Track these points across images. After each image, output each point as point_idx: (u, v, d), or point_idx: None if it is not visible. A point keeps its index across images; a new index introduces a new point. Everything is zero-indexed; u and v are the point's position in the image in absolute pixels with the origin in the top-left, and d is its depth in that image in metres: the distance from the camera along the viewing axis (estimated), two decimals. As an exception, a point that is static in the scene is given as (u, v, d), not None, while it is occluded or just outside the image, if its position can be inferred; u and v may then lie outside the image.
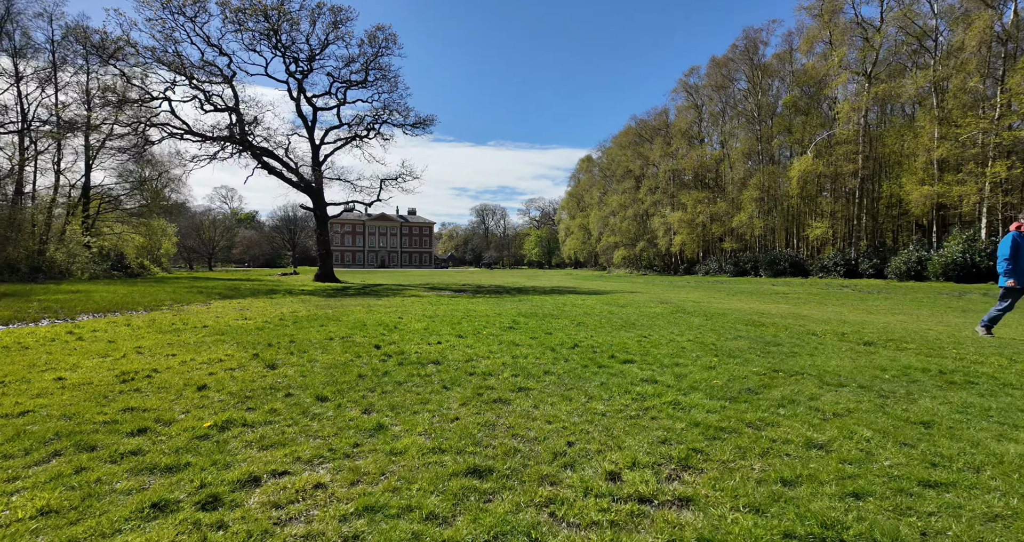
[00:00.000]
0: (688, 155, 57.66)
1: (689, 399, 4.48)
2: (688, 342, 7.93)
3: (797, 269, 46.37)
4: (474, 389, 4.87)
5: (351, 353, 6.79)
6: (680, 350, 7.16)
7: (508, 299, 18.58)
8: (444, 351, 7.06)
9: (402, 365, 6.04)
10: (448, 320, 11.05)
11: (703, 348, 7.32)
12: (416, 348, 7.29)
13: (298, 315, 12.11)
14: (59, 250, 31.26)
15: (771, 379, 5.29)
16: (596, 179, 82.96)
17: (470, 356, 6.66)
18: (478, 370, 5.76)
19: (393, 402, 4.41)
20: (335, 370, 5.66)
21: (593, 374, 5.58)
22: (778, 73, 53.40)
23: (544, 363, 6.23)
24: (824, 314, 13.21)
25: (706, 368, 5.85)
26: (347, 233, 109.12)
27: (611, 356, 6.65)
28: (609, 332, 9.21)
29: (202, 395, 4.51)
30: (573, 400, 4.53)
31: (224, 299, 17.84)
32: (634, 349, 7.25)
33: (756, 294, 23.27)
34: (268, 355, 6.55)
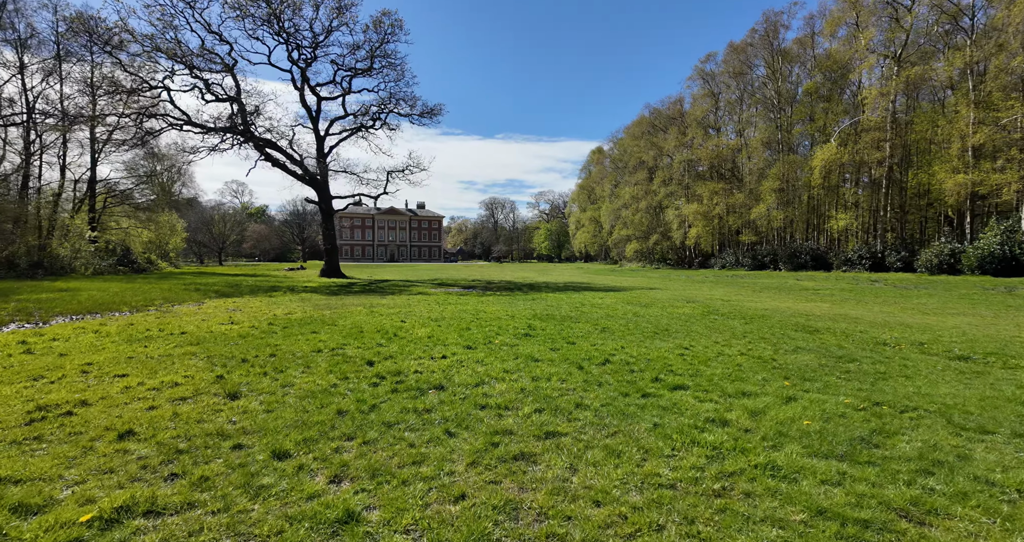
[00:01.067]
0: (704, 145, 55.75)
1: (787, 458, 3.22)
2: (741, 356, 6.65)
3: (819, 262, 44.57)
4: (487, 436, 3.65)
5: (338, 373, 5.61)
6: (736, 368, 5.88)
7: (520, 297, 17.36)
8: (450, 369, 5.85)
9: (396, 392, 4.84)
10: (456, 325, 9.85)
11: (763, 365, 6.04)
12: (416, 364, 6.10)
13: (292, 318, 10.99)
14: (61, 245, 30.56)
15: (880, 419, 4.01)
16: (607, 171, 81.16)
17: (481, 377, 5.44)
18: (491, 401, 4.54)
19: (375, 462, 3.20)
20: (311, 402, 4.48)
21: (639, 408, 4.33)
22: (799, 59, 51.15)
23: (573, 388, 5.00)
24: (874, 315, 11.81)
25: (783, 399, 4.58)
26: (356, 227, 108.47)
27: (655, 378, 5.40)
28: (641, 341, 7.94)
29: (119, 448, 3.34)
30: (623, 456, 3.29)
31: (220, 297, 16.83)
32: (679, 367, 5.99)
33: (784, 290, 21.79)
34: (236, 377, 5.39)
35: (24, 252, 26.75)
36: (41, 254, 28.28)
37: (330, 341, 7.77)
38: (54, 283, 20.31)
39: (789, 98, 50.67)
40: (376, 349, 7.12)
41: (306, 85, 31.55)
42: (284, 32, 29.48)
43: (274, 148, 30.33)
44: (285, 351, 6.96)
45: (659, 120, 64.98)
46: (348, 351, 6.99)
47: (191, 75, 27.19)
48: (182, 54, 26.22)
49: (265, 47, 37.22)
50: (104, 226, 42.10)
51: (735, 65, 53.79)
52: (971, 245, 32.93)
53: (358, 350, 7.06)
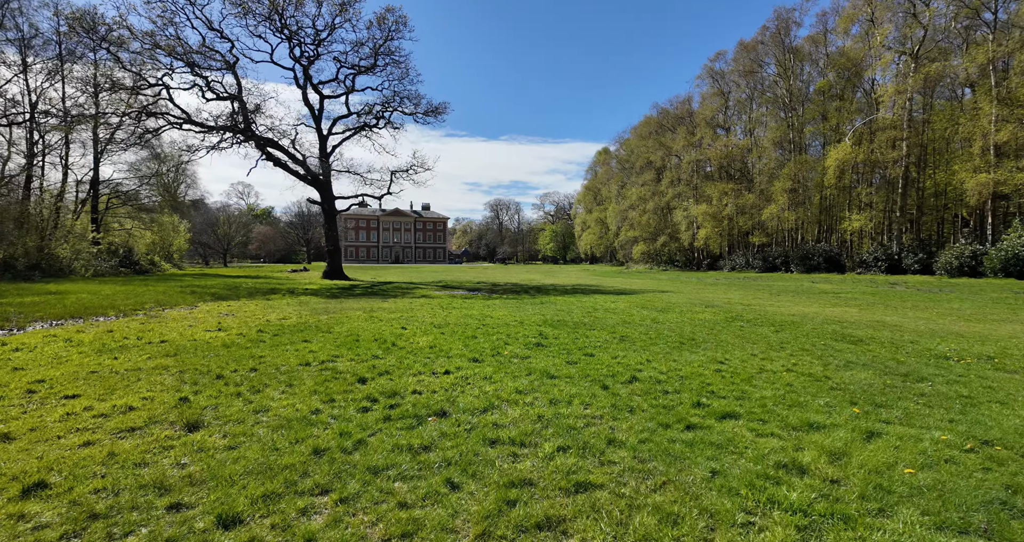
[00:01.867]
0: (714, 145, 54.72)
1: (907, 531, 2.38)
2: (788, 373, 5.79)
3: (832, 264, 43.47)
4: (500, 489, 2.83)
5: (323, 394, 4.81)
6: (788, 389, 5.03)
7: (528, 301, 16.53)
8: (453, 389, 5.05)
9: (389, 421, 4.03)
10: (460, 332, 9.05)
11: (818, 385, 5.19)
12: (415, 382, 5.29)
13: (285, 324, 10.22)
14: (61, 247, 30.04)
15: (1003, 467, 3.15)
16: (614, 172, 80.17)
17: (490, 400, 4.62)
18: (503, 434, 3.72)
19: (353, 536, 2.39)
20: (284, 435, 3.68)
21: (687, 446, 3.50)
22: (811, 57, 50.09)
23: (600, 416, 4.18)
24: (913, 322, 10.89)
25: (862, 434, 3.73)
26: (361, 229, 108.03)
27: (696, 402, 4.55)
28: (667, 353, 7.10)
29: (16, 512, 2.54)
30: (682, 525, 2.46)
31: (216, 300, 16.12)
32: (720, 387, 5.15)
33: (803, 294, 20.84)
34: (203, 399, 4.60)
35: (22, 253, 26.22)
36: (40, 256, 27.74)
37: (321, 352, 6.98)
38: (47, 285, 19.70)
39: (801, 97, 49.62)
40: (371, 362, 6.32)
41: (308, 83, 30.94)
42: (286, 29, 28.88)
43: (276, 147, 29.71)
44: (269, 364, 6.17)
45: (667, 120, 64.02)
46: (339, 365, 6.19)
47: (192, 73, 26.62)
48: (183, 52, 25.65)
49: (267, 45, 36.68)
50: (107, 227, 41.72)
51: (745, 63, 52.78)
52: (993, 247, 31.80)
53: (351, 363, 6.26)
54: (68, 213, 37.12)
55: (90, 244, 36.46)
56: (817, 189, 47.14)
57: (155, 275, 36.98)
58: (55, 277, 26.73)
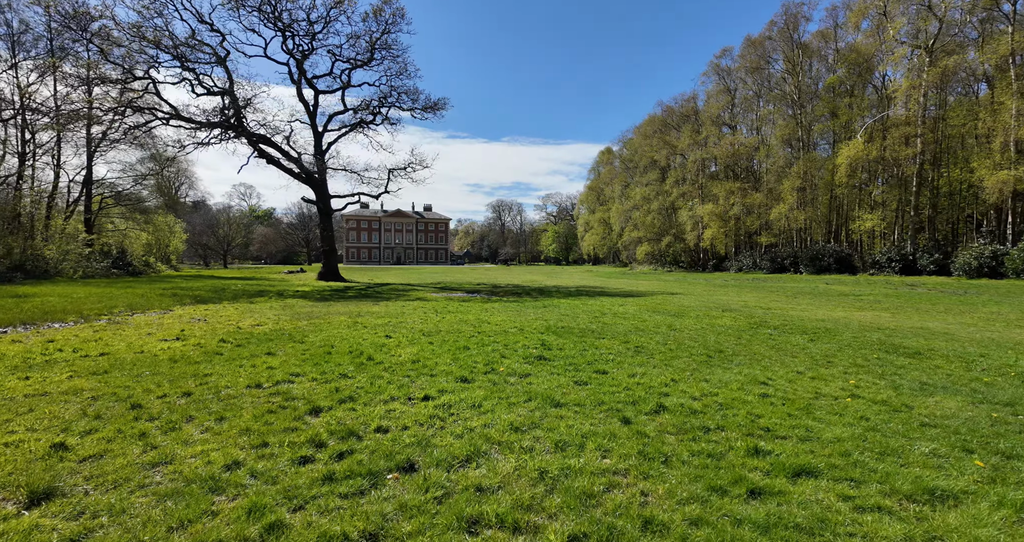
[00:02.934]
0: (720, 143, 53.50)
1: None
2: (852, 398, 4.61)
3: (843, 265, 42.17)
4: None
5: (256, 435, 3.65)
6: (865, 426, 3.86)
7: (529, 304, 15.36)
8: (430, 425, 3.89)
9: (331, 482, 2.87)
10: (452, 342, 7.89)
11: (902, 420, 4.01)
12: (383, 414, 4.14)
13: (256, 331, 9.08)
14: (47, 248, 29.02)
15: None
16: (617, 171, 79.01)
17: (475, 445, 3.46)
18: (488, 511, 2.55)
19: None
20: (167, 514, 2.51)
21: (760, 532, 2.34)
22: (819, 52, 48.86)
23: (625, 470, 3.03)
24: (962, 330, 9.68)
25: (1016, 509, 2.56)
26: (363, 230, 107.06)
27: (752, 450, 3.38)
28: (695, 369, 5.93)
29: None
30: None
31: (196, 304, 15.02)
32: (774, 419, 3.98)
33: (821, 296, 19.61)
34: (88, 445, 3.44)
35: (4, 254, 25.19)
36: (24, 256, 26.72)
37: (281, 369, 5.82)
38: (18, 288, 18.62)
39: (809, 94, 48.36)
40: (337, 383, 5.17)
41: (303, 78, 29.88)
42: (280, 21, 27.84)
43: (269, 144, 28.64)
44: (210, 387, 5.03)
45: (672, 118, 62.82)
46: (297, 387, 5.04)
47: (181, 67, 25.58)
48: (171, 44, 24.59)
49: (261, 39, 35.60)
50: (100, 228, 40.76)
51: (752, 60, 51.58)
52: (1015, 247, 30.53)
53: (311, 385, 5.11)
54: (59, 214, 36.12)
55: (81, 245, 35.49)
56: (827, 188, 45.89)
57: (148, 277, 35.99)
58: (39, 279, 25.72)
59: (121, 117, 24.69)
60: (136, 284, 23.57)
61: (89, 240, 37.95)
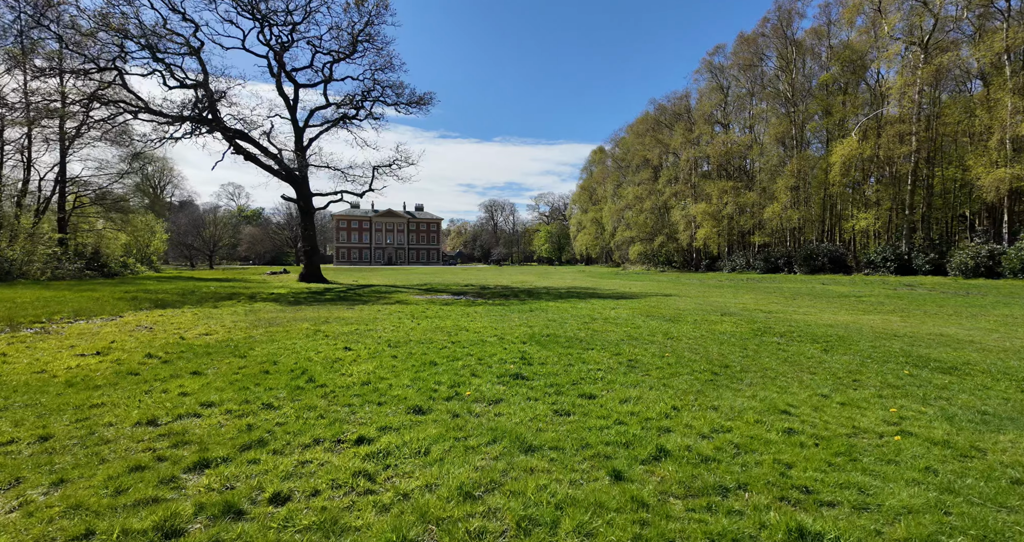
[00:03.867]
0: (713, 142, 52.83)
1: None
2: (903, 436, 3.66)
3: (837, 265, 41.63)
4: None
5: (92, 512, 2.61)
6: (935, 483, 2.91)
7: (515, 307, 14.36)
8: (349, 490, 2.88)
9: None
10: (418, 355, 6.87)
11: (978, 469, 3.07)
12: (292, 473, 3.12)
13: (197, 344, 8.00)
14: (9, 248, 27.53)
15: None
16: (610, 171, 78.24)
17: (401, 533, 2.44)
18: None
19: None
20: None
21: None
22: (813, 50, 48.31)
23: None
24: (988, 337, 8.80)
25: None
26: (354, 230, 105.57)
27: (793, 533, 2.40)
28: (699, 391, 4.96)
29: None
30: None
31: (154, 308, 13.86)
32: (809, 473, 3.01)
33: (820, 297, 18.78)
34: None
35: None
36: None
37: (196, 396, 4.77)
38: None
39: (803, 92, 47.77)
40: (253, 417, 4.13)
41: (282, 71, 28.66)
42: (256, 11, 26.61)
43: (246, 139, 27.39)
44: (88, 425, 3.97)
45: (664, 116, 62.08)
46: (198, 425, 3.99)
47: (152, 58, 24.26)
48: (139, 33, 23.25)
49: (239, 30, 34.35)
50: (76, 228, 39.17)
51: (745, 57, 50.92)
52: (1012, 246, 30.00)
53: (220, 419, 4.07)
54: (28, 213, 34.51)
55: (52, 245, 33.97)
56: (820, 187, 45.28)
57: (123, 278, 34.59)
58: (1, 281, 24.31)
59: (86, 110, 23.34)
60: (101, 286, 22.26)
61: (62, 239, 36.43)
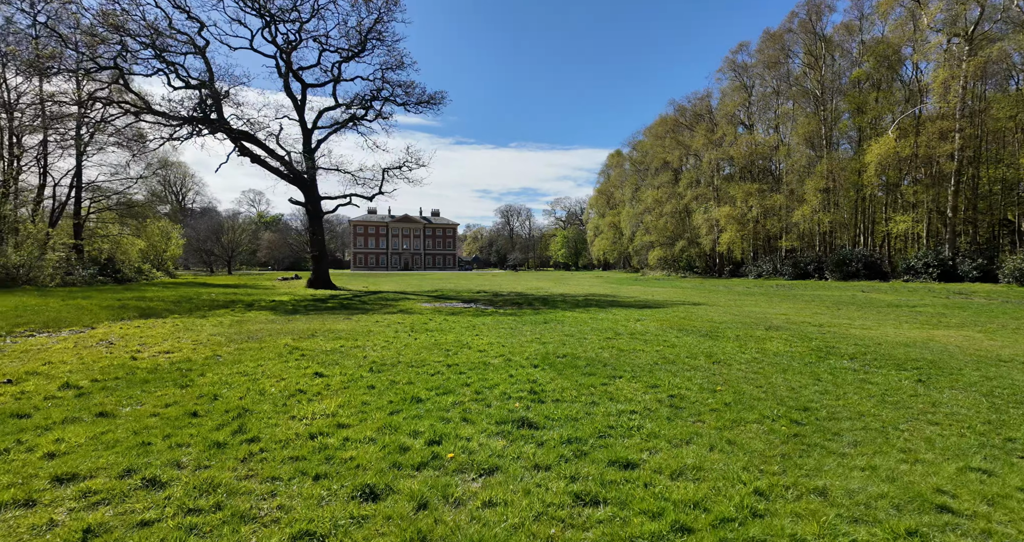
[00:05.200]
0: (737, 142, 50.69)
1: None
2: None
3: (872, 271, 39.09)
4: None
5: None
6: None
7: (529, 318, 12.88)
8: None
9: None
10: (402, 385, 5.45)
11: None
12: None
13: (142, 366, 6.72)
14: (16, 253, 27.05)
15: None
16: (628, 174, 76.29)
17: None
18: None
19: None
20: None
21: None
22: (843, 46, 46.02)
23: None
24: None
25: None
26: (371, 235, 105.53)
27: None
28: (785, 460, 3.43)
29: None
30: None
31: (137, 318, 12.78)
32: None
33: (865, 307, 16.87)
34: None
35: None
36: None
37: (67, 461, 3.41)
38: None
39: (833, 89, 45.46)
40: (109, 511, 2.75)
41: (290, 71, 27.83)
42: (266, 11, 25.82)
43: (252, 141, 26.56)
44: None
45: (684, 117, 60.08)
46: (10, 529, 2.63)
47: (156, 57, 23.56)
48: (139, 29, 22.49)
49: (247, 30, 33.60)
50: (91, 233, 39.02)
51: (770, 54, 48.82)
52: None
53: (58, 514, 2.71)
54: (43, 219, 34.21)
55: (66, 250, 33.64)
56: (853, 189, 42.83)
57: (136, 284, 34.08)
58: (2, 287, 23.73)
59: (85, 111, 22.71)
60: (99, 293, 21.46)
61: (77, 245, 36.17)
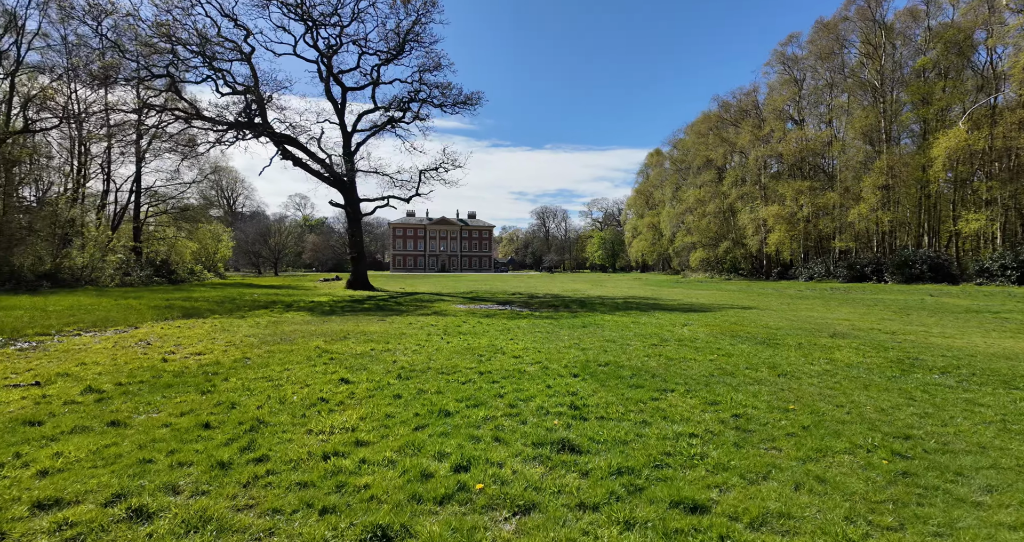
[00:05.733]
0: (786, 139, 48.17)
1: None
2: None
3: (939, 273, 36.06)
4: None
5: None
6: None
7: (566, 321, 12.26)
8: None
9: None
10: (429, 394, 5.00)
11: None
12: None
13: (169, 369, 6.58)
14: (80, 256, 28.63)
15: None
16: (668, 173, 74.10)
17: None
18: None
19: None
20: None
21: None
22: (905, 33, 42.94)
23: None
24: None
25: None
26: (409, 238, 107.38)
27: None
28: (900, 508, 2.73)
29: None
30: None
31: (181, 318, 13.00)
32: None
33: (938, 312, 15.29)
34: None
35: (31, 263, 24.68)
36: (54, 265, 26.28)
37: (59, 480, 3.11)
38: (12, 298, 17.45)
39: (894, 80, 42.46)
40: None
41: (330, 75, 28.25)
42: (308, 16, 26.31)
43: (294, 144, 27.10)
44: None
45: (729, 113, 57.71)
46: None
47: (207, 65, 24.37)
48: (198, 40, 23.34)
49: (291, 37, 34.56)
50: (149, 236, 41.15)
51: (824, 45, 46.13)
52: None
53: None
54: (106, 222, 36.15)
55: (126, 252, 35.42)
56: (916, 185, 39.79)
57: (188, 284, 35.57)
58: (65, 287, 25.09)
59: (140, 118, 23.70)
60: (150, 294, 22.30)
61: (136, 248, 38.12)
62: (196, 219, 48.29)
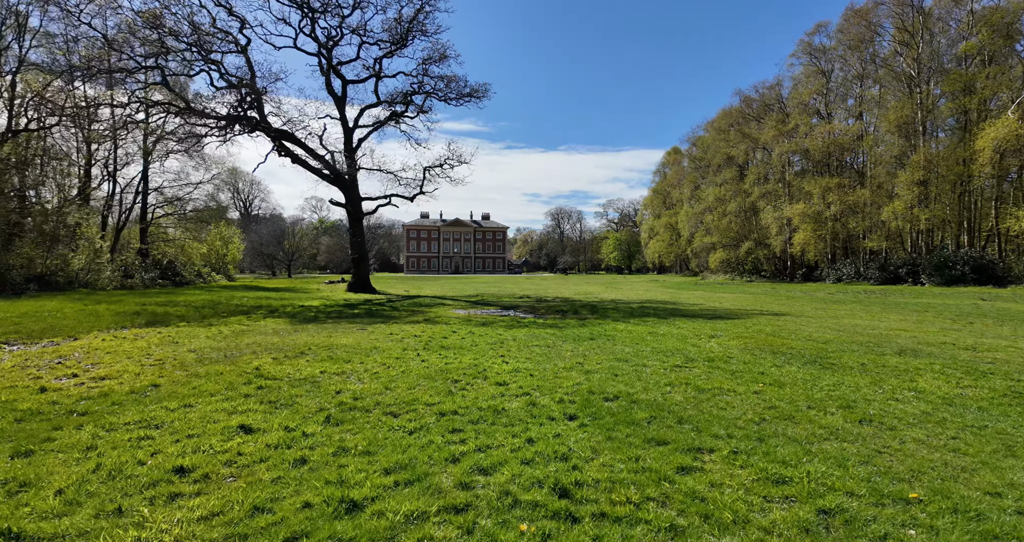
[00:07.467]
0: (812, 133, 45.60)
1: None
2: None
3: (983, 275, 33.28)
4: None
5: None
6: None
7: (572, 331, 10.52)
8: None
9: None
10: (352, 455, 3.35)
11: None
12: None
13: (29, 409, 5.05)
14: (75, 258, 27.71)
15: None
16: (686, 172, 71.72)
17: None
18: None
19: None
20: None
21: None
22: (945, 18, 40.17)
23: None
24: None
25: None
26: (423, 239, 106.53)
27: None
28: None
29: None
30: None
31: (142, 327, 11.63)
32: None
33: (1002, 319, 13.16)
34: None
35: (18, 264, 23.76)
36: (44, 267, 25.38)
37: None
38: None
39: (932, 69, 39.70)
40: None
41: (331, 68, 26.96)
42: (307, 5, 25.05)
43: (292, 140, 25.83)
44: None
45: (751, 108, 55.26)
46: None
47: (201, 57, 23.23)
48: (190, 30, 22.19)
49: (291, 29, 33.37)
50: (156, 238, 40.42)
51: (855, 33, 43.51)
52: None
53: None
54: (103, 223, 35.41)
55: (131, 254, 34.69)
56: (957, 181, 37.00)
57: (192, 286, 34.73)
58: (60, 290, 24.19)
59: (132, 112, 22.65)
60: (134, 297, 21.13)
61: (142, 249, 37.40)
62: (205, 221, 47.58)
